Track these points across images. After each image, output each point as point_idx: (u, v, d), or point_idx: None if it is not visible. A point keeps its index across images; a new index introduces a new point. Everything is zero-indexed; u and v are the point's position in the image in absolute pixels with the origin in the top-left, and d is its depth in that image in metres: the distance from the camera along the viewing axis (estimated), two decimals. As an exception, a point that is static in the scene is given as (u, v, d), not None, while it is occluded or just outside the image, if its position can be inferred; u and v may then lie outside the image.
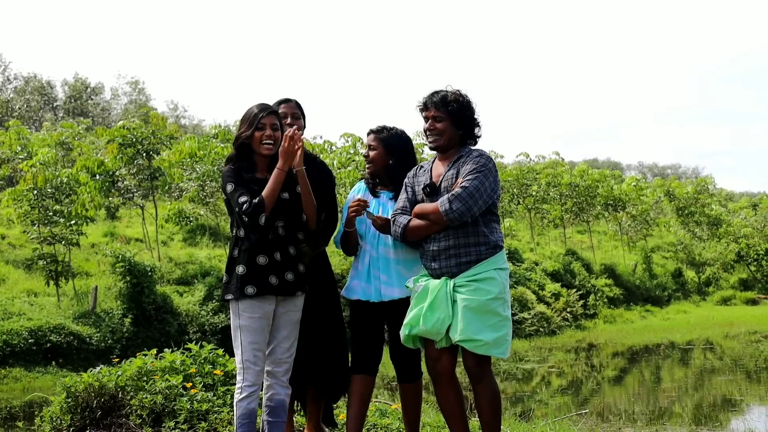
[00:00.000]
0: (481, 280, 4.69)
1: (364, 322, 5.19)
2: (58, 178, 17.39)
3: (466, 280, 4.71)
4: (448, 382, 4.87)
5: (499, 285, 4.73)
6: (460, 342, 4.67)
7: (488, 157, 4.82)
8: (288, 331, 4.84)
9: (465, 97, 4.91)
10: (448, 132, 4.87)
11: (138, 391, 6.20)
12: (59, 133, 29.68)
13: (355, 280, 5.22)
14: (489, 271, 4.72)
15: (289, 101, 5.39)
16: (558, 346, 20.29)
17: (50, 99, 47.81)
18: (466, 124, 4.90)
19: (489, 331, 4.65)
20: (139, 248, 21.81)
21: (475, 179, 4.66)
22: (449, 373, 4.86)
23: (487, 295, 4.67)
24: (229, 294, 4.72)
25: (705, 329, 23.17)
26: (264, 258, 4.72)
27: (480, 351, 4.66)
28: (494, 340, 4.66)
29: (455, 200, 4.63)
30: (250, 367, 4.66)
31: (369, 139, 5.33)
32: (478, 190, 4.65)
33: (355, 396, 5.17)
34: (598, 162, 68.96)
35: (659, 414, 11.78)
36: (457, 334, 4.65)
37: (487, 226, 4.78)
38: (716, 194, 41.96)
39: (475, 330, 4.63)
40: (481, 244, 4.74)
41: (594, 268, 28.05)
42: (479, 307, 4.65)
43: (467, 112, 4.90)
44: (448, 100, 4.85)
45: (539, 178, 29.95)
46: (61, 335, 14.70)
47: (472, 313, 4.64)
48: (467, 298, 4.67)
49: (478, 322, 4.64)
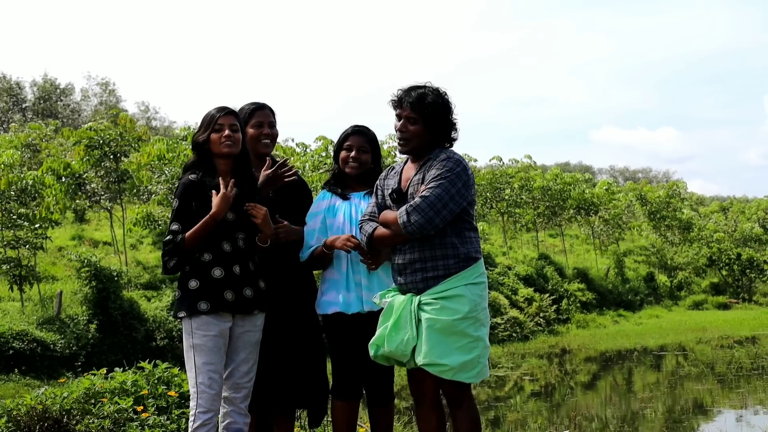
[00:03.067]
0: (448, 298, 4.26)
1: (344, 338, 4.76)
2: (22, 180, 17.04)
3: (432, 297, 4.27)
4: (430, 405, 4.49)
5: (470, 303, 4.29)
6: (424, 366, 4.26)
7: (457, 159, 4.35)
8: (246, 354, 4.50)
9: (444, 97, 4.45)
10: (420, 136, 4.42)
11: (85, 415, 5.78)
12: (26, 134, 29.24)
13: (332, 292, 4.79)
14: (458, 287, 4.28)
15: (264, 108, 5.04)
16: (531, 352, 20.20)
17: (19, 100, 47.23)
18: (441, 128, 4.44)
19: (456, 354, 4.24)
20: (107, 252, 21.49)
21: (438, 187, 4.21)
22: (433, 396, 4.48)
23: (455, 314, 4.24)
24: (181, 311, 4.40)
25: (677, 334, 23.21)
26: (220, 271, 4.42)
27: (445, 376, 4.26)
28: (461, 364, 4.24)
29: (413, 212, 4.20)
30: (204, 391, 4.30)
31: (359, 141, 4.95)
32: (441, 198, 4.20)
33: (340, 425, 4.80)
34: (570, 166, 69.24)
35: (631, 419, 11.73)
36: (420, 357, 4.25)
37: (458, 236, 4.34)
38: (687, 198, 42.15)
39: (439, 353, 4.22)
40: (450, 257, 4.30)
41: (567, 273, 28.02)
42: (445, 328, 4.23)
43: (444, 115, 4.44)
44: (426, 102, 4.38)
45: (512, 182, 29.88)
46: (24, 342, 14.33)
47: (437, 335, 4.23)
48: (432, 318, 4.25)
49: (443, 345, 4.23)
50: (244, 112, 4.98)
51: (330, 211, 4.91)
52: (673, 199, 35.11)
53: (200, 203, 4.43)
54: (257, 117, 4.97)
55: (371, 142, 5.00)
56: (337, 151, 4.99)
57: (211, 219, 4.38)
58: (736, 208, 47.11)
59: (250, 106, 5.02)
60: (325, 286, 4.85)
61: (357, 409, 4.91)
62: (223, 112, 4.55)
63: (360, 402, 4.94)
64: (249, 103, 5.06)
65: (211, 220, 4.38)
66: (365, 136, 4.99)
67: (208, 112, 4.60)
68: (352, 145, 4.95)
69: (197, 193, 4.45)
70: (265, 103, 5.07)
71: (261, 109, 5.01)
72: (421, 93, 4.42)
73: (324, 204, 4.94)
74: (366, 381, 4.85)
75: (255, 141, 4.96)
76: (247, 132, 4.92)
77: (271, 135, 5.01)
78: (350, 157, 4.94)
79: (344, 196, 4.93)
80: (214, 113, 4.55)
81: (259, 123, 4.96)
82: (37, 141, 29.22)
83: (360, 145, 4.95)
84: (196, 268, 4.42)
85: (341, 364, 4.80)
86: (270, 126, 5.01)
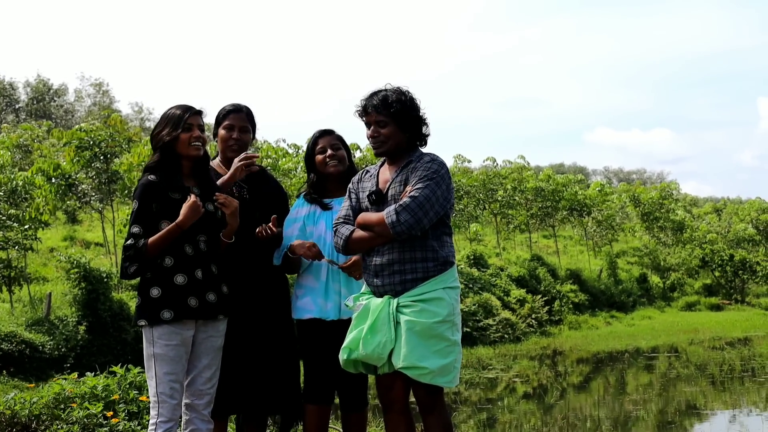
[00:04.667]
0: (428, 301, 4.20)
1: (319, 344, 4.70)
2: (13, 181, 16.97)
3: (411, 299, 4.21)
4: (399, 412, 4.40)
5: (448, 306, 4.24)
6: (402, 369, 4.19)
7: (441, 162, 4.34)
8: (209, 360, 4.40)
9: (407, 94, 4.38)
10: (394, 137, 4.35)
11: (54, 421, 5.68)
12: (18, 135, 29.18)
13: (307, 297, 4.73)
14: (437, 290, 4.23)
15: (239, 111, 4.95)
16: (523, 353, 20.16)
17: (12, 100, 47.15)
18: (412, 125, 4.38)
19: (435, 357, 4.17)
20: (98, 253, 21.42)
21: (426, 188, 4.17)
22: (402, 401, 4.40)
23: (434, 317, 4.18)
24: (141, 319, 4.27)
25: (670, 335, 23.21)
26: (183, 277, 4.29)
27: (424, 380, 4.19)
28: (440, 368, 4.19)
29: (403, 211, 4.14)
30: (165, 401, 4.20)
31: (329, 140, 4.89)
32: (429, 199, 4.16)
33: (311, 429, 4.73)
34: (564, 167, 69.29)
35: (624, 420, 11.71)
36: (400, 360, 4.17)
37: (437, 239, 4.30)
38: (681, 200, 42.19)
39: (419, 356, 4.15)
40: (429, 259, 4.25)
41: (559, 274, 27.98)
42: (424, 330, 4.17)
43: (412, 112, 4.37)
44: (390, 101, 4.32)
45: (505, 183, 29.85)
46: (12, 343, 14.25)
47: (416, 338, 4.16)
48: (412, 320, 4.18)
49: (423, 348, 4.16)
50: (220, 113, 4.94)
51: (310, 218, 4.85)
52: (666, 201, 35.13)
53: (160, 205, 4.32)
54: (230, 119, 4.91)
55: (340, 140, 4.97)
56: (311, 157, 4.93)
57: (177, 227, 4.26)
58: (729, 209, 47.20)
59: (227, 106, 4.96)
60: (301, 292, 4.79)
61: (329, 413, 4.85)
62: (191, 112, 4.43)
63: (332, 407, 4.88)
64: (228, 104, 4.99)
65: (177, 229, 4.27)
66: (333, 135, 4.96)
67: (171, 110, 4.45)
68: (325, 146, 4.90)
69: (157, 194, 4.32)
70: (243, 106, 5.00)
71: (236, 112, 4.94)
72: (384, 95, 4.37)
73: (303, 211, 4.88)
74: (340, 386, 4.80)
75: (223, 143, 4.91)
76: (219, 132, 4.86)
77: (240, 140, 4.93)
78: (327, 156, 4.88)
79: (325, 206, 4.87)
80: (180, 113, 4.41)
81: (230, 126, 4.90)
82: (29, 142, 29.19)
83: (332, 143, 4.91)
84: (158, 274, 4.29)
85: (314, 368, 4.74)
86: (241, 131, 4.93)
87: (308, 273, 4.78)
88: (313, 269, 4.77)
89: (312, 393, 4.74)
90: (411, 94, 4.42)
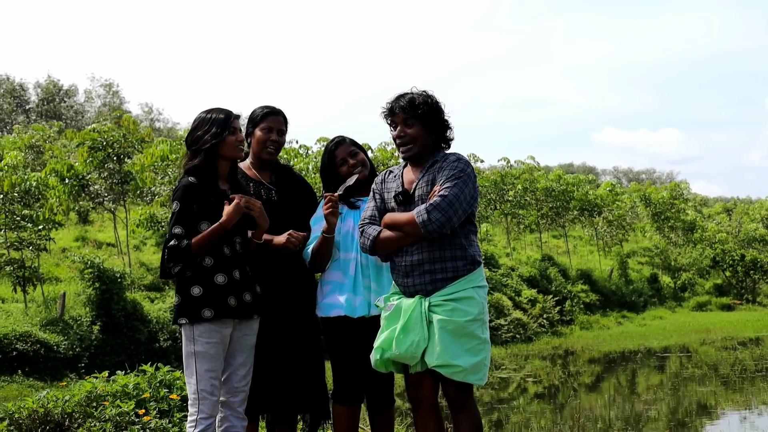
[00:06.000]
0: (459, 300, 4.27)
1: (347, 343, 4.70)
2: (26, 182, 17.05)
3: (442, 299, 4.28)
4: (429, 410, 4.46)
5: (479, 305, 4.32)
6: (436, 367, 4.25)
7: (466, 161, 4.41)
8: (244, 357, 4.48)
9: (433, 97, 4.47)
10: (421, 138, 4.42)
11: (86, 418, 5.73)
12: (29, 136, 29.27)
13: (335, 294, 4.72)
14: (467, 289, 4.30)
15: (277, 114, 4.98)
16: (534, 353, 20.17)
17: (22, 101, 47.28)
18: (438, 128, 4.47)
19: (467, 355, 4.24)
20: (110, 253, 21.49)
21: (455, 186, 4.24)
22: (431, 400, 4.45)
23: (466, 316, 4.26)
24: (182, 318, 4.35)
25: (681, 335, 23.16)
26: (223, 277, 4.38)
27: (457, 377, 4.25)
28: (472, 365, 4.26)
29: (434, 210, 4.19)
30: (206, 398, 4.28)
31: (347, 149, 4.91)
32: (458, 198, 4.23)
33: (342, 430, 4.74)
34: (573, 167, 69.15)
35: (635, 420, 11.71)
36: (433, 358, 4.24)
37: (465, 237, 4.38)
38: (691, 199, 42.06)
39: (452, 355, 4.22)
40: (458, 258, 4.32)
41: (570, 274, 27.96)
42: (457, 329, 4.24)
43: (438, 114, 4.47)
44: (417, 103, 4.41)
45: (516, 183, 29.83)
46: (27, 343, 14.33)
47: (449, 336, 4.23)
48: (444, 319, 4.24)
49: (456, 346, 4.23)
50: (256, 114, 4.96)
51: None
52: (677, 201, 35.04)
53: (200, 206, 4.38)
54: (268, 122, 4.93)
55: (354, 144, 4.99)
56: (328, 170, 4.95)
57: (221, 227, 4.34)
58: (740, 209, 47.06)
59: (263, 109, 4.98)
60: (328, 288, 4.79)
61: (358, 414, 4.86)
62: (234, 115, 4.51)
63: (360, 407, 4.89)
64: (262, 106, 5.01)
65: (220, 228, 4.34)
66: (346, 143, 4.98)
67: (211, 114, 4.50)
68: (344, 156, 4.92)
69: (197, 196, 4.39)
70: (279, 109, 5.03)
71: (274, 115, 4.96)
72: (411, 97, 4.45)
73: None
74: (367, 385, 4.80)
75: (260, 144, 4.93)
76: (255, 134, 4.90)
77: (277, 142, 4.97)
78: (350, 165, 4.91)
79: (352, 204, 4.89)
80: (225, 116, 4.48)
81: (269, 128, 4.92)
82: (40, 142, 29.26)
83: (349, 151, 4.94)
84: (199, 274, 4.37)
85: (343, 368, 4.74)
86: (279, 133, 4.97)
87: (335, 269, 4.79)
88: (341, 265, 4.77)
89: (342, 394, 4.75)
90: (436, 97, 4.50)
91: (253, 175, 4.94)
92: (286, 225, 4.78)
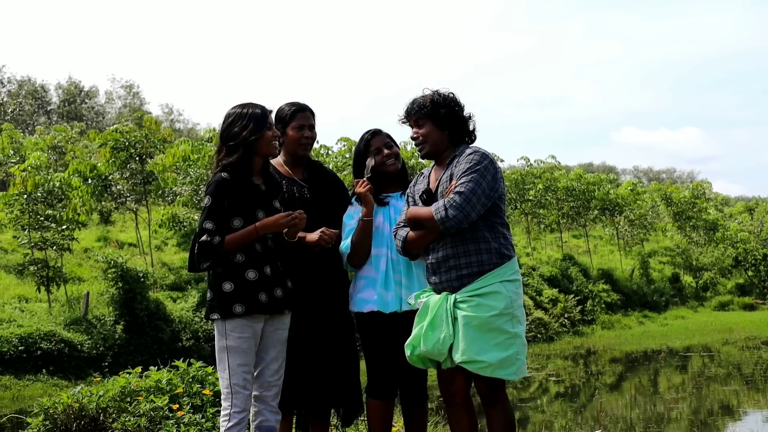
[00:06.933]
0: (484, 295, 4.28)
1: (381, 338, 4.73)
2: (49, 182, 17.16)
3: (467, 295, 4.30)
4: (461, 405, 4.48)
5: (506, 299, 4.30)
6: (462, 363, 4.27)
7: (483, 153, 4.39)
8: (276, 352, 4.50)
9: (443, 94, 4.52)
10: (432, 136, 4.50)
11: (121, 413, 5.80)
12: (52, 137, 29.45)
13: (368, 290, 4.76)
14: (494, 284, 4.30)
15: (305, 110, 5.00)
16: (556, 353, 20.15)
17: (44, 102, 47.57)
18: (451, 123, 4.51)
19: (494, 350, 4.25)
20: (132, 253, 21.60)
21: (470, 181, 4.26)
22: (463, 395, 4.47)
23: (491, 311, 4.26)
24: (214, 313, 4.36)
25: (703, 335, 23.06)
26: (254, 273, 4.38)
27: (484, 373, 4.27)
28: (500, 360, 4.26)
29: (450, 207, 4.23)
30: (239, 392, 4.31)
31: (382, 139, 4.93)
32: (475, 192, 4.25)
33: (376, 424, 4.76)
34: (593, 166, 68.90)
35: (657, 420, 11.68)
36: (459, 354, 4.26)
37: (489, 230, 4.37)
38: (713, 199, 41.83)
39: (478, 350, 4.23)
40: (483, 252, 4.33)
41: (591, 273, 27.89)
42: (482, 324, 4.25)
43: (449, 111, 4.50)
44: (424, 103, 4.50)
45: (537, 183, 29.76)
46: (51, 342, 14.46)
47: (474, 332, 4.25)
48: (468, 315, 4.26)
49: (482, 342, 4.24)
50: (285, 113, 4.96)
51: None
52: (699, 200, 34.83)
53: (232, 202, 4.38)
54: (299, 119, 4.95)
55: (390, 138, 5.02)
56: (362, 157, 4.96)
57: (255, 232, 4.36)
58: (761, 208, 46.69)
59: (290, 107, 4.99)
60: (361, 284, 4.83)
61: (392, 408, 4.87)
62: (270, 111, 4.54)
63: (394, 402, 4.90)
64: (289, 103, 5.02)
65: (255, 232, 4.36)
66: (383, 134, 5.00)
67: (247, 109, 4.49)
68: (379, 146, 4.94)
69: (230, 191, 4.39)
70: (306, 104, 5.05)
71: (302, 111, 4.98)
72: (422, 98, 4.54)
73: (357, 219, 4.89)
74: (400, 380, 4.82)
75: (295, 143, 4.94)
76: (287, 133, 4.92)
77: (311, 137, 5.00)
78: (384, 156, 4.93)
79: (381, 201, 4.92)
80: (262, 112, 4.48)
81: (300, 126, 4.94)
82: (62, 143, 29.42)
83: (385, 142, 4.96)
84: (230, 269, 4.38)
85: (376, 363, 4.77)
86: (310, 128, 5.00)
87: (368, 264, 4.82)
88: (372, 261, 4.81)
89: (375, 388, 4.77)
90: (449, 93, 4.55)
91: (285, 173, 4.96)
92: (318, 222, 4.79)
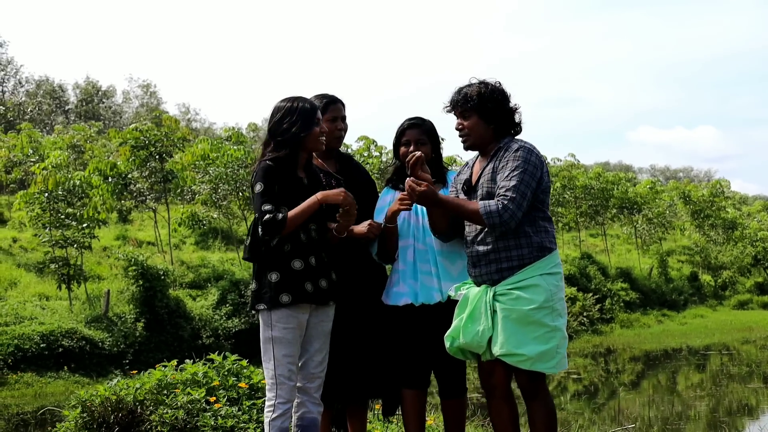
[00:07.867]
0: (523, 288, 4.24)
1: (412, 328, 4.71)
2: (70, 181, 17.25)
3: (507, 288, 4.26)
4: (502, 397, 4.44)
5: (546, 292, 4.25)
6: (501, 356, 4.24)
7: (529, 148, 4.34)
8: (320, 344, 4.47)
9: (490, 86, 4.42)
10: (476, 129, 4.43)
11: (158, 406, 5.81)
12: (71, 136, 29.62)
13: (401, 283, 4.76)
14: (533, 277, 4.25)
15: (337, 102, 5.00)
16: (575, 351, 20.10)
17: (62, 102, 47.83)
18: (497, 116, 4.44)
19: (534, 344, 4.22)
20: (151, 252, 21.68)
21: (521, 183, 4.23)
22: (503, 387, 4.43)
23: (530, 304, 4.21)
24: (260, 303, 4.33)
25: (723, 334, 22.98)
26: (300, 263, 4.36)
27: (524, 366, 4.24)
28: (539, 354, 4.22)
29: (504, 210, 4.20)
30: (284, 383, 4.28)
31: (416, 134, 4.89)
32: (524, 194, 4.22)
33: (411, 414, 4.76)
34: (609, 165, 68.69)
35: (676, 419, 11.65)
36: (497, 347, 4.24)
37: (531, 224, 4.33)
38: (731, 197, 41.62)
39: (516, 343, 4.21)
40: (524, 246, 4.28)
41: (609, 272, 27.82)
42: (521, 318, 4.22)
43: (495, 103, 4.43)
44: (470, 95, 4.40)
45: (555, 181, 29.72)
46: (73, 340, 14.54)
47: (513, 325, 4.22)
48: (508, 308, 4.23)
49: (521, 335, 4.21)
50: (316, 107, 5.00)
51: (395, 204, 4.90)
52: (717, 198, 34.68)
53: (281, 187, 4.36)
54: (331, 111, 4.95)
55: (428, 133, 4.99)
56: (396, 146, 5.01)
57: (317, 202, 4.33)
58: (780, 207, 46.54)
59: (321, 99, 4.96)
60: (395, 278, 4.83)
61: (425, 398, 4.88)
62: (318, 107, 4.55)
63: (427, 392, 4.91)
64: (319, 95, 5.01)
65: (317, 203, 4.33)
66: (420, 128, 4.95)
67: (297, 103, 4.48)
68: (410, 139, 4.92)
69: (278, 176, 4.36)
70: (336, 96, 5.06)
71: (334, 103, 4.98)
72: (468, 89, 4.45)
73: (388, 198, 4.92)
74: (438, 373, 4.82)
75: (329, 135, 4.94)
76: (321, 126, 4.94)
77: (344, 129, 5.02)
78: (410, 151, 4.92)
79: None
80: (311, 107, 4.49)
81: (333, 117, 4.95)
82: (81, 142, 29.57)
83: (417, 138, 4.93)
84: (276, 259, 4.36)
85: (409, 353, 4.75)
86: (342, 120, 5.02)
87: (399, 257, 4.84)
88: (400, 253, 4.82)
89: (408, 378, 4.76)
90: (496, 85, 4.48)
91: (319, 164, 4.98)
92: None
